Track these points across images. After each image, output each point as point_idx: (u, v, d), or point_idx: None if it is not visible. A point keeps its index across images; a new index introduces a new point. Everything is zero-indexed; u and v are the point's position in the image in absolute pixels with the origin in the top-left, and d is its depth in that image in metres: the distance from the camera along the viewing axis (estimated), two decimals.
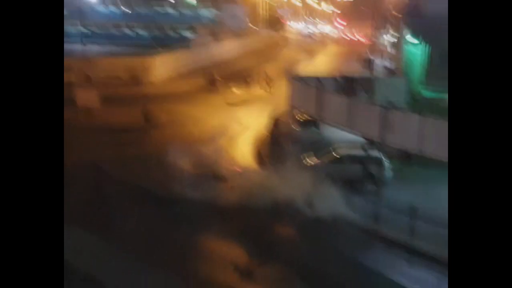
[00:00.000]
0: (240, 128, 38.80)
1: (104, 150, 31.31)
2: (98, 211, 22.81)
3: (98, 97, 39.84)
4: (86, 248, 19.29)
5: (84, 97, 38.70)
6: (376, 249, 20.02)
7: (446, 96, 36.20)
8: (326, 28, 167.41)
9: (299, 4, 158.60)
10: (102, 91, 41.30)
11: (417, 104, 36.00)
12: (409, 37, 41.27)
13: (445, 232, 19.00)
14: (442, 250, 19.40)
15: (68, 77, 41.61)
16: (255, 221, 22.57)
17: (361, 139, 25.71)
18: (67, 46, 38.51)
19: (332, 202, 22.22)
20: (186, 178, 24.80)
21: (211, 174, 25.77)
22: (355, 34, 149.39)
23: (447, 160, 19.58)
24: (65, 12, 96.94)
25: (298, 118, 35.97)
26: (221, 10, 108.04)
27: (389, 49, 68.53)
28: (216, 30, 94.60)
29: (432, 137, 20.76)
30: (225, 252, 20.29)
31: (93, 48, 66.34)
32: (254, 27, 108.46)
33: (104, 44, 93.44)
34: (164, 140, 33.50)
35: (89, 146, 30.51)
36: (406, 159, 28.25)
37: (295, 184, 24.17)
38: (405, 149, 22.45)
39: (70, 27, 78.00)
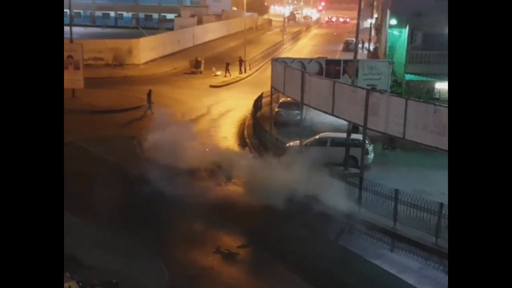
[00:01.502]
0: (221, 111, 38.36)
1: (87, 130, 30.72)
2: (77, 189, 22.23)
3: (83, 79, 39.13)
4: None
5: (68, 78, 37.97)
6: (358, 233, 19.58)
7: (427, 78, 35.94)
8: (310, 12, 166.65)
9: None
10: (86, 72, 40.55)
11: (400, 87, 35.70)
12: (392, 20, 40.77)
13: (427, 216, 19.08)
14: (424, 235, 19.14)
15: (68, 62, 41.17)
16: (235, 204, 22.10)
17: (344, 122, 25.31)
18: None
19: (314, 185, 21.77)
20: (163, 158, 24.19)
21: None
22: (339, 17, 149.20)
23: (430, 144, 19.56)
24: None
25: (281, 101, 35.59)
26: (206, 1, 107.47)
27: (372, 32, 68.08)
28: (199, 12, 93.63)
29: (415, 121, 20.35)
30: (204, 232, 19.81)
31: (77, 30, 65.27)
32: (238, 10, 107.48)
33: (88, 26, 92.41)
34: (146, 121, 32.92)
35: (72, 127, 29.82)
36: (389, 142, 27.97)
37: (276, 166, 23.70)
38: (388, 133, 22.03)
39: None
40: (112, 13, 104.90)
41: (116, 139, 29.33)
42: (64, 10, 72.69)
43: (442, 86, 36.48)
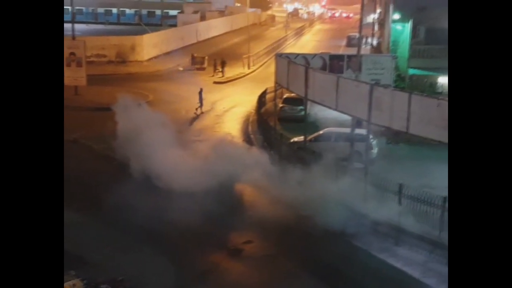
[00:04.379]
0: (225, 107, 38.47)
1: (90, 127, 30.84)
2: (79, 186, 22.44)
3: (85, 76, 39.31)
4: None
5: (71, 75, 38.19)
6: (364, 227, 19.68)
7: (431, 73, 35.97)
8: (313, 7, 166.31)
9: None
10: (89, 69, 40.71)
11: (403, 82, 35.74)
12: (395, 15, 40.80)
13: (431, 210, 19.18)
14: (429, 229, 19.23)
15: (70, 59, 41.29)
16: (239, 196, 22.23)
17: (348, 117, 25.40)
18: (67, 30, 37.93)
19: (319, 179, 21.88)
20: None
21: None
22: (342, 12, 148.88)
23: (433, 138, 19.64)
24: None
25: (285, 96, 35.71)
26: None
27: (375, 27, 68.07)
28: (202, 9, 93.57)
29: (418, 115, 20.43)
30: (207, 229, 19.91)
31: (79, 27, 65.37)
32: (241, 6, 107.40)
33: (90, 23, 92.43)
34: None
35: (75, 124, 29.97)
36: (393, 137, 28.06)
37: (281, 161, 23.84)
38: (392, 127, 22.11)
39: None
40: (115, 10, 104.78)
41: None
42: (66, 7, 72.93)
43: (445, 80, 36.53)
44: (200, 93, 36.43)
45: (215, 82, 47.41)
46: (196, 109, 36.41)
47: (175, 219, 19.78)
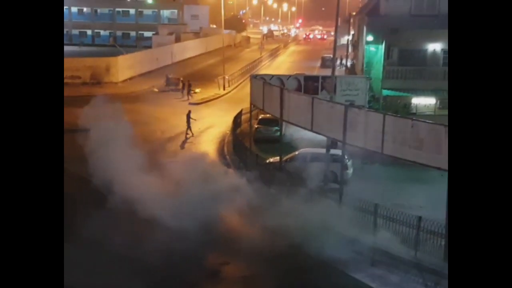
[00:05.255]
0: (201, 128, 38.37)
1: (65, 149, 30.44)
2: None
3: None
4: None
5: None
6: (339, 248, 19.70)
7: (404, 94, 36.37)
8: (288, 29, 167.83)
9: (260, 5, 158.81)
10: (64, 91, 40.31)
11: (377, 103, 36.06)
12: (368, 37, 41.30)
13: (406, 230, 19.29)
14: (405, 249, 19.33)
15: None
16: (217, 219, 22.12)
17: (323, 138, 25.51)
18: None
19: (294, 200, 21.91)
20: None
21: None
22: (316, 34, 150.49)
23: (407, 158, 19.80)
24: None
25: (261, 117, 35.78)
26: (183, 11, 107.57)
27: (349, 48, 68.77)
28: (177, 30, 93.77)
29: (392, 135, 20.60)
30: (191, 249, 19.69)
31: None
32: (215, 27, 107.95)
33: (65, 45, 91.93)
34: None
35: None
36: (367, 157, 28.18)
37: (255, 182, 23.77)
38: (367, 148, 22.25)
39: None
40: (89, 31, 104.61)
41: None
42: None
43: (418, 101, 37.00)
44: (188, 115, 36.16)
45: (191, 103, 47.37)
46: (186, 133, 36.12)
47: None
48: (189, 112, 36.41)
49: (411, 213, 19.61)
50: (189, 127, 36.07)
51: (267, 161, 28.08)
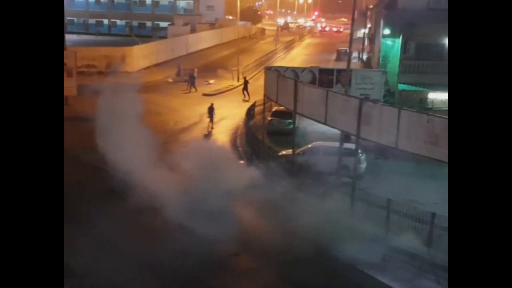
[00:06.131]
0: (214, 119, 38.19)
1: (77, 137, 30.43)
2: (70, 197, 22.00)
3: (75, 86, 38.99)
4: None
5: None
6: (352, 243, 19.41)
7: (420, 88, 35.94)
8: (303, 21, 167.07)
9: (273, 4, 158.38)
10: (79, 80, 40.40)
11: (392, 97, 35.68)
12: (385, 30, 40.86)
13: (420, 226, 18.99)
14: (418, 244, 19.03)
15: None
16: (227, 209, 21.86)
17: (337, 131, 25.21)
18: None
19: (306, 193, 21.68)
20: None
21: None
22: (332, 26, 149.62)
23: (422, 154, 19.47)
24: None
25: (274, 109, 35.52)
26: (198, 2, 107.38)
27: (365, 41, 68.22)
28: (192, 21, 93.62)
29: (407, 130, 20.27)
30: (190, 239, 19.42)
31: (70, 38, 65.15)
32: (232, 18, 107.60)
33: (82, 34, 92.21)
34: None
35: (65, 135, 29.34)
36: (381, 152, 27.88)
37: (267, 174, 23.54)
38: (381, 142, 21.93)
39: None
40: (106, 21, 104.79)
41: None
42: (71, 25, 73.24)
43: (435, 96, 36.51)
44: (211, 108, 35.94)
45: (204, 94, 47.19)
46: (208, 125, 35.92)
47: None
48: (212, 105, 36.19)
49: (425, 209, 19.31)
50: (211, 120, 35.90)
51: (280, 153, 27.84)
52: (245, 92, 45.59)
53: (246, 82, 46.38)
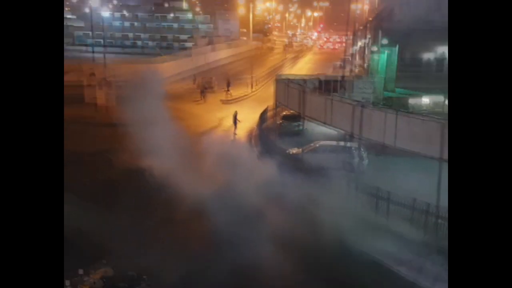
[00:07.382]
0: (231, 123, 37.40)
1: (113, 141, 29.82)
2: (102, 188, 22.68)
3: (114, 97, 39.01)
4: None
5: (102, 96, 38.23)
6: (356, 230, 18.41)
7: (414, 94, 34.94)
8: (307, 39, 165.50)
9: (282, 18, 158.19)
10: (117, 91, 40.21)
11: (388, 101, 34.73)
12: (383, 41, 39.74)
13: (418, 216, 18.05)
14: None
15: (90, 80, 43.34)
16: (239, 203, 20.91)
17: (340, 132, 24.40)
18: (89, 55, 37.01)
19: (313, 187, 20.76)
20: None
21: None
22: (334, 41, 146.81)
23: (416, 150, 18.61)
24: (83, 25, 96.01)
25: (284, 114, 34.76)
26: (217, 24, 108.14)
27: (365, 51, 67.18)
28: (212, 40, 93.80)
29: (403, 130, 19.54)
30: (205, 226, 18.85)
31: (110, 56, 65.48)
32: (245, 38, 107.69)
33: (118, 53, 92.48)
34: None
35: (102, 138, 29.51)
36: (381, 150, 26.83)
37: (278, 170, 22.67)
38: (380, 141, 21.10)
39: (91, 39, 76.88)
40: (139, 42, 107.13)
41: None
42: (100, 40, 74.96)
43: (415, 101, 35.53)
44: (235, 116, 35.07)
45: (222, 101, 46.55)
46: (234, 130, 34.98)
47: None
48: (236, 112, 35.35)
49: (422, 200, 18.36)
50: (235, 126, 35.08)
51: (289, 152, 27.09)
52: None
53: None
